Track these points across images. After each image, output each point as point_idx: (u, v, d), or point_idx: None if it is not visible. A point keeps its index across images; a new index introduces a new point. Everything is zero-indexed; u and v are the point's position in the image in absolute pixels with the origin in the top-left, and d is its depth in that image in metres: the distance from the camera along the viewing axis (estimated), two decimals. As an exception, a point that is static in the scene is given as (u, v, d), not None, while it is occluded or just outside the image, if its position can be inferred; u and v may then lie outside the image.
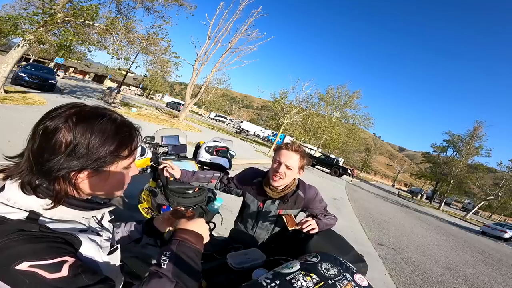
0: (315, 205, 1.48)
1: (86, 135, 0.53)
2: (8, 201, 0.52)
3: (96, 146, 0.54)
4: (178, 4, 11.26)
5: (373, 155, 67.96)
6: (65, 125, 0.52)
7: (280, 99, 21.44)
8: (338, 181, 19.74)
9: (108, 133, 0.56)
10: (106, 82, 41.24)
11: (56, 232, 0.52)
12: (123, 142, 0.59)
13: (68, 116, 0.53)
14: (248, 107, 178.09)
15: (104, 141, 0.55)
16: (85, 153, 0.53)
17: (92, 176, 0.57)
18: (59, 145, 0.51)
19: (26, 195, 0.53)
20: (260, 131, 43.93)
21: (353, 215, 8.27)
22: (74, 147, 0.52)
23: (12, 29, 8.22)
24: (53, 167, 0.52)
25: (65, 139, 0.52)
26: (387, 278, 4.05)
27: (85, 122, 0.54)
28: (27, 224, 0.49)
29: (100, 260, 0.59)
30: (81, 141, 0.52)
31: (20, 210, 0.51)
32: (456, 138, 31.83)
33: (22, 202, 0.52)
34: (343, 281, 0.81)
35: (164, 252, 0.61)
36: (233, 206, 3.92)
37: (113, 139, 0.57)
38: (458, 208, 48.74)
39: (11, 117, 6.06)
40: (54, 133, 0.52)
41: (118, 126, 0.59)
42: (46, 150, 0.52)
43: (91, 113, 0.57)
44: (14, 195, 0.52)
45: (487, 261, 7.71)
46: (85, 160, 0.54)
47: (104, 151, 0.55)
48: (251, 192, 1.52)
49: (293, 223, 1.24)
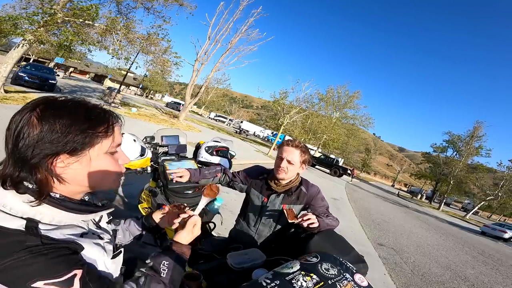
0: (317, 202, 1.51)
1: (55, 118, 0.52)
2: (4, 207, 0.50)
3: (65, 126, 0.52)
4: (178, 4, 11.26)
5: (373, 155, 67.92)
6: (33, 113, 0.52)
7: (280, 99, 21.44)
8: (338, 181, 19.74)
9: (77, 114, 0.55)
10: (106, 82, 41.25)
11: (59, 242, 0.51)
12: (95, 119, 0.57)
13: (35, 105, 0.53)
14: (248, 107, 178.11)
15: (74, 120, 0.54)
16: (55, 136, 0.52)
17: (72, 162, 0.55)
18: (28, 133, 0.51)
19: (6, 190, 0.52)
20: (260, 131, 43.92)
21: (353, 215, 8.27)
22: (44, 131, 0.51)
23: (12, 29, 8.23)
24: (26, 154, 0.51)
25: (34, 126, 0.51)
26: (387, 278, 4.05)
27: (53, 108, 0.54)
28: (28, 237, 0.48)
29: (103, 264, 0.59)
30: (50, 124, 0.52)
31: (17, 218, 0.50)
32: (456, 138, 31.81)
33: (18, 207, 0.51)
34: (343, 281, 0.81)
35: (163, 262, 0.67)
36: (233, 206, 3.92)
37: (84, 118, 0.55)
38: (458, 208, 48.72)
39: (11, 117, 6.07)
40: (24, 123, 0.52)
41: (88, 108, 0.58)
42: (20, 141, 0.51)
43: (59, 101, 0.57)
44: (10, 201, 0.51)
45: (487, 261, 7.71)
46: (57, 142, 0.52)
47: (75, 130, 0.53)
48: (256, 188, 1.58)
49: (293, 216, 1.25)
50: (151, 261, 0.67)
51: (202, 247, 1.46)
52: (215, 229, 1.93)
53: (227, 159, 2.40)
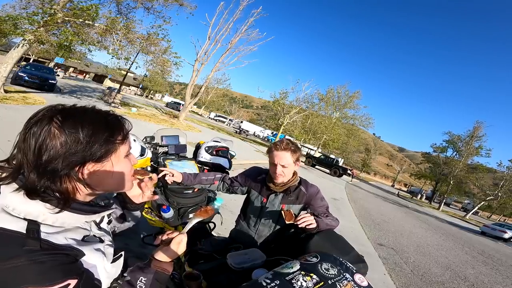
0: (316, 202, 1.51)
1: (77, 129, 0.53)
2: (7, 207, 0.50)
3: (89, 136, 0.54)
4: (178, 4, 11.26)
5: (373, 155, 67.91)
6: (53, 124, 0.52)
7: (280, 99, 21.50)
8: (338, 181, 19.74)
9: (97, 122, 0.57)
10: (106, 82, 41.25)
11: (59, 249, 0.51)
12: (114, 127, 0.60)
13: (52, 115, 0.54)
14: (248, 107, 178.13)
15: (95, 130, 0.55)
16: (81, 146, 0.53)
17: (98, 169, 0.58)
18: (52, 145, 0.51)
19: (29, 202, 0.52)
20: (260, 131, 43.92)
21: (353, 215, 8.27)
22: (69, 142, 0.52)
23: (12, 29, 8.23)
24: (56, 167, 0.52)
25: (56, 137, 0.52)
26: (387, 278, 4.05)
27: (72, 117, 0.54)
28: (28, 241, 0.48)
29: (103, 269, 0.59)
30: (74, 135, 0.53)
31: (19, 219, 0.50)
32: (456, 138, 31.83)
33: (21, 208, 0.51)
34: (343, 281, 0.81)
35: (141, 278, 0.66)
36: (233, 206, 3.92)
37: (104, 126, 0.58)
38: (458, 208, 48.73)
39: (11, 117, 6.06)
40: (45, 135, 0.51)
41: (104, 115, 0.60)
42: (43, 154, 0.51)
43: (74, 109, 0.58)
44: (13, 202, 0.51)
45: (486, 261, 7.71)
46: (84, 152, 0.54)
47: (99, 139, 0.56)
48: (255, 189, 1.59)
49: (291, 217, 1.24)
50: (128, 276, 0.66)
51: (202, 247, 1.46)
52: (215, 229, 1.93)
53: (227, 159, 2.40)
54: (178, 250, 0.74)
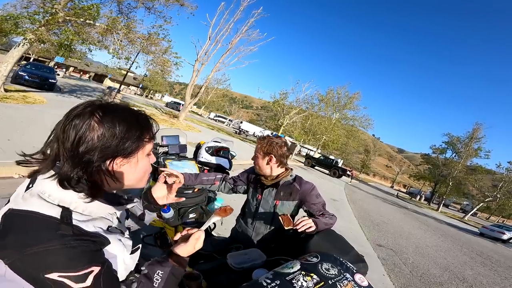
0: (311, 198, 1.51)
1: (114, 124, 0.57)
2: (43, 193, 0.54)
3: (124, 132, 0.58)
4: (179, 4, 11.27)
5: (372, 156, 67.98)
6: (94, 118, 0.56)
7: (280, 100, 21.51)
8: (337, 182, 19.74)
9: (131, 120, 0.61)
10: (106, 81, 41.20)
11: (88, 235, 0.54)
12: (144, 126, 0.64)
13: (93, 110, 0.57)
14: (247, 108, 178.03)
15: (130, 127, 0.60)
16: (116, 141, 0.57)
17: (124, 164, 0.61)
18: (91, 137, 0.55)
19: (62, 189, 0.55)
20: (260, 132, 43.84)
21: (352, 216, 8.27)
22: (106, 136, 0.56)
23: (13, 28, 8.21)
24: (91, 158, 0.55)
25: (95, 130, 0.56)
26: (386, 279, 4.06)
27: (111, 114, 0.58)
28: (62, 226, 0.51)
29: (122, 260, 0.62)
30: (111, 129, 0.57)
31: (53, 205, 0.53)
32: (455, 139, 31.86)
33: (56, 195, 0.54)
34: (343, 281, 0.81)
35: (158, 271, 0.67)
36: (233, 206, 3.92)
37: (137, 125, 0.62)
38: (457, 209, 48.76)
39: (11, 116, 6.05)
40: (86, 128, 0.55)
41: (137, 114, 0.65)
42: (81, 145, 0.55)
43: (112, 105, 0.62)
44: (48, 188, 0.55)
45: (485, 263, 7.72)
46: (117, 147, 0.58)
47: (132, 136, 0.60)
48: (252, 186, 1.63)
49: (289, 222, 1.25)
50: (146, 269, 0.68)
51: (202, 247, 1.46)
52: (215, 229, 1.94)
53: (227, 160, 2.40)
54: (195, 246, 0.77)
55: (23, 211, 0.52)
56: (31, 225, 0.50)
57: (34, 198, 0.54)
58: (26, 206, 0.52)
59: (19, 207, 0.52)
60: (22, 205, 0.52)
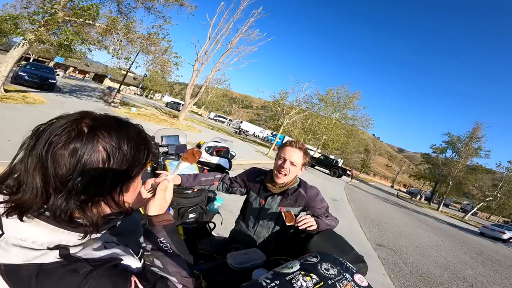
0: (316, 204, 1.49)
1: (121, 147, 0.48)
2: (25, 241, 0.44)
3: (132, 157, 0.50)
4: (179, 4, 11.28)
5: (372, 156, 68.07)
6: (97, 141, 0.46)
7: (280, 100, 21.47)
8: (337, 182, 19.75)
9: (136, 141, 0.52)
10: (106, 81, 41.22)
11: (103, 260, 0.49)
12: (146, 148, 0.55)
13: (93, 129, 0.46)
14: (247, 108, 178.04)
15: (136, 150, 0.51)
16: (124, 167, 0.49)
17: (130, 189, 0.55)
18: (98, 165, 0.45)
19: (47, 229, 0.45)
20: (260, 132, 43.93)
21: (352, 216, 8.28)
22: (116, 162, 0.47)
23: (13, 28, 8.22)
24: (94, 189, 0.46)
25: (102, 158, 0.46)
26: (386, 279, 4.06)
27: (115, 133, 0.48)
28: (75, 264, 0.44)
29: (135, 266, 0.58)
30: (120, 154, 0.48)
31: (46, 250, 0.44)
32: (456, 139, 31.83)
33: (42, 239, 0.45)
34: (343, 281, 0.81)
35: (158, 240, 0.63)
36: (233, 206, 3.92)
37: (142, 147, 0.53)
38: (457, 209, 48.75)
39: (11, 116, 6.05)
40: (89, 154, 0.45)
41: (140, 135, 0.55)
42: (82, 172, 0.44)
43: (116, 122, 0.52)
44: (28, 233, 0.44)
45: (485, 262, 7.72)
46: (123, 174, 0.49)
47: (137, 160, 0.52)
48: (254, 190, 1.57)
49: (291, 219, 1.25)
50: (147, 246, 0.64)
51: (202, 247, 1.46)
52: (215, 229, 1.94)
53: (227, 160, 2.40)
54: (166, 198, 0.70)
55: (20, 267, 0.42)
56: (46, 279, 0.42)
57: (16, 249, 0.43)
58: (14, 259, 0.42)
59: (5, 261, 0.42)
60: (7, 258, 0.42)
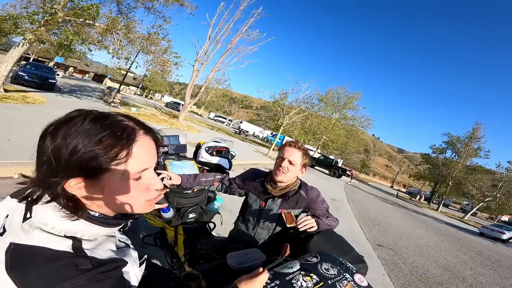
0: (317, 205, 1.49)
1: (67, 139, 0.47)
2: (46, 225, 0.48)
3: (78, 150, 0.47)
4: (179, 4, 11.27)
5: (372, 156, 68.08)
6: (51, 130, 0.50)
7: (280, 100, 21.47)
8: (337, 182, 19.76)
9: (92, 133, 0.48)
10: (106, 81, 41.20)
11: (106, 264, 0.50)
12: (109, 140, 0.49)
13: (53, 122, 0.51)
14: (247, 108, 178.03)
15: (87, 143, 0.48)
16: (66, 159, 0.47)
17: (88, 186, 0.51)
18: (46, 154, 0.48)
19: (65, 219, 0.49)
20: (260, 132, 43.93)
21: (352, 216, 8.28)
22: (56, 153, 0.47)
23: (13, 28, 8.21)
24: (50, 173, 0.48)
25: (49, 147, 0.48)
26: (386, 279, 4.06)
27: (67, 125, 0.49)
28: (79, 260, 0.47)
29: (135, 276, 0.59)
30: (65, 145, 0.47)
31: (62, 238, 0.48)
32: (455, 139, 31.86)
33: (60, 226, 0.49)
34: (343, 281, 0.81)
35: None
36: (233, 206, 3.92)
37: (99, 140, 0.48)
38: (457, 209, 48.77)
39: (10, 116, 6.05)
40: (43, 142, 0.49)
41: (107, 125, 0.50)
42: (44, 162, 0.49)
43: (73, 116, 0.51)
44: (50, 219, 0.49)
45: (485, 262, 7.73)
46: (65, 166, 0.47)
47: (87, 155, 0.47)
48: (253, 192, 1.56)
49: (292, 220, 1.25)
50: None
51: (202, 247, 1.46)
52: (215, 229, 1.94)
53: (227, 160, 2.40)
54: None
55: (32, 247, 0.45)
56: (47, 263, 0.44)
57: (37, 231, 0.47)
58: (31, 241, 0.46)
59: (22, 242, 0.45)
60: (25, 239, 0.46)
